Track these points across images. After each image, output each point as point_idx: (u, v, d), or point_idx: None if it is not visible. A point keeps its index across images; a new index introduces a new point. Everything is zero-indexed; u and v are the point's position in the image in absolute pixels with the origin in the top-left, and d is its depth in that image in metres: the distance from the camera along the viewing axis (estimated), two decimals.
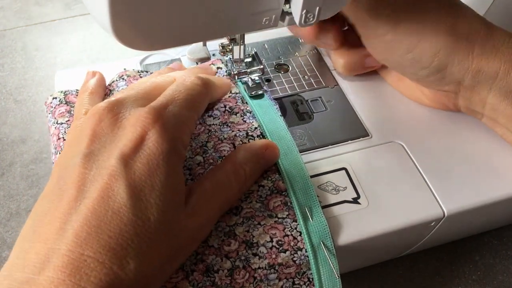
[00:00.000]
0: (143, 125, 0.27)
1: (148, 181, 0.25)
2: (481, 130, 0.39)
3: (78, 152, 0.26)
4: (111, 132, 0.27)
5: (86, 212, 0.24)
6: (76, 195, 0.25)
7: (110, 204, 0.24)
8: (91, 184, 0.25)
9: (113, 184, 0.25)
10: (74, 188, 0.25)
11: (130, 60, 0.44)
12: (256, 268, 0.30)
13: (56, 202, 0.25)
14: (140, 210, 0.24)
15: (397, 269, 0.43)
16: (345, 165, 0.36)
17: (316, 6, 0.29)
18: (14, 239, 0.44)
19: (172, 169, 0.27)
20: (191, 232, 0.28)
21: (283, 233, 0.31)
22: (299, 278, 0.31)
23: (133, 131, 0.26)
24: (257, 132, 0.36)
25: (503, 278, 0.43)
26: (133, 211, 0.24)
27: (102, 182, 0.25)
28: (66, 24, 0.65)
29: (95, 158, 0.26)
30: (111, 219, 0.24)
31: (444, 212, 0.34)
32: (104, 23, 0.26)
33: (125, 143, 0.26)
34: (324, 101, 0.41)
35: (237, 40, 0.38)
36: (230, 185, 0.31)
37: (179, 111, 0.29)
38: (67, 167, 0.26)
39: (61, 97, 0.38)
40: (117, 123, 0.27)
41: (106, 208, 0.24)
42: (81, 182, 0.25)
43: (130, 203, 0.24)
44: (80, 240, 0.23)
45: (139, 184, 0.25)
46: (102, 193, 0.24)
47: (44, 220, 0.25)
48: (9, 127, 0.53)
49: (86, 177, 0.25)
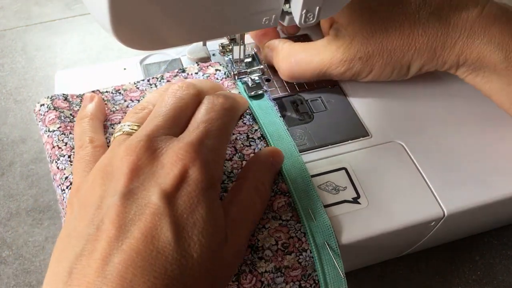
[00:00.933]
0: (184, 163, 0.26)
1: (190, 219, 0.25)
2: (481, 130, 0.39)
3: (114, 191, 0.25)
4: (150, 170, 0.26)
5: (130, 253, 0.23)
6: (117, 235, 0.24)
7: (155, 243, 0.24)
8: (133, 223, 0.24)
9: (156, 222, 0.24)
10: (114, 228, 0.24)
11: (130, 60, 0.44)
12: (262, 272, 0.30)
13: (92, 243, 0.24)
14: (184, 248, 0.24)
15: (397, 269, 0.43)
16: (345, 165, 0.36)
17: (316, 6, 0.29)
18: (14, 239, 0.44)
19: (212, 204, 0.26)
20: (230, 261, 0.27)
21: (288, 235, 0.31)
22: (305, 280, 0.31)
23: (174, 169, 0.26)
24: (258, 134, 0.36)
25: (503, 278, 0.43)
26: (177, 250, 0.24)
27: (145, 221, 0.24)
28: (66, 24, 0.65)
29: (134, 197, 0.25)
30: (156, 258, 0.23)
31: (444, 212, 0.34)
32: (104, 23, 0.26)
33: (166, 181, 0.26)
34: (324, 101, 0.41)
35: (237, 40, 0.38)
36: (255, 205, 0.30)
37: (214, 145, 0.28)
38: (101, 207, 0.25)
39: (48, 103, 0.37)
40: (156, 161, 0.26)
41: (151, 248, 0.23)
42: (122, 221, 0.24)
43: (174, 241, 0.24)
44: (126, 282, 0.22)
45: (181, 221, 0.25)
46: (146, 232, 0.24)
47: (80, 262, 0.24)
48: (9, 127, 0.53)
49: (126, 216, 0.24)
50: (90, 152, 0.31)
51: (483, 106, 0.41)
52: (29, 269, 0.43)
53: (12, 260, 0.43)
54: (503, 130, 0.39)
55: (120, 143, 0.28)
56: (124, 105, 0.38)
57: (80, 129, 0.34)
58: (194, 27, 0.28)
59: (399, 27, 0.36)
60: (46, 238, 0.45)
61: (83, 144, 0.32)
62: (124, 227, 0.24)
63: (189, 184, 0.26)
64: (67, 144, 0.35)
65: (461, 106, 0.41)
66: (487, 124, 0.40)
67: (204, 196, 0.26)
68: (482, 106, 0.41)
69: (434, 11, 0.36)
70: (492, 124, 0.40)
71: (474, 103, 0.41)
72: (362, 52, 0.37)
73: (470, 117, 0.39)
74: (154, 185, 0.25)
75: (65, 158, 0.34)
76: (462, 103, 0.41)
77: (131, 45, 0.27)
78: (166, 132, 0.28)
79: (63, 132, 0.35)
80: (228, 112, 0.30)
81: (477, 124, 0.39)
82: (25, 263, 0.43)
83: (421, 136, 0.38)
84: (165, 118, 0.29)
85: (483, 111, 0.41)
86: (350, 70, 0.38)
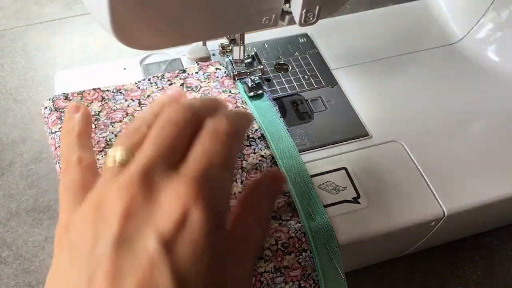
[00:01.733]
0: (184, 203, 0.23)
1: (193, 268, 0.22)
2: (481, 131, 0.39)
3: (105, 236, 0.23)
4: (146, 210, 0.23)
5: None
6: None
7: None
8: (128, 275, 0.21)
9: (154, 272, 0.22)
10: (108, 282, 0.21)
11: (130, 60, 0.44)
12: (262, 272, 0.30)
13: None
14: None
15: (397, 269, 0.43)
16: (345, 165, 0.36)
17: (316, 6, 0.29)
18: (14, 239, 0.44)
19: (218, 250, 0.24)
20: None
21: (288, 235, 0.31)
22: (305, 280, 0.31)
23: (173, 210, 0.23)
24: (258, 134, 0.36)
25: (503, 278, 0.43)
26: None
27: (142, 272, 0.21)
28: (66, 24, 0.65)
29: (129, 244, 0.22)
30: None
31: (444, 212, 0.34)
32: (104, 23, 0.26)
33: (165, 224, 0.22)
34: (324, 101, 0.41)
35: (237, 41, 0.38)
36: (256, 238, 0.27)
37: (219, 177, 0.25)
38: (94, 254, 0.23)
39: (50, 105, 0.37)
40: (152, 199, 0.23)
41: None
42: (116, 273, 0.22)
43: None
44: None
45: (183, 271, 0.22)
46: (143, 284, 0.21)
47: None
48: (9, 127, 0.53)
49: (120, 267, 0.22)
50: (78, 177, 0.28)
51: (483, 106, 0.41)
52: (29, 269, 0.43)
53: (12, 260, 0.43)
54: (503, 130, 0.39)
55: (112, 179, 0.25)
56: (125, 104, 0.38)
57: (67, 146, 0.30)
58: (194, 27, 0.28)
59: None
60: (46, 238, 0.45)
61: (69, 165, 0.29)
62: (119, 279, 0.22)
63: (192, 228, 0.23)
64: None
65: (461, 107, 0.41)
66: (487, 124, 0.40)
67: (209, 241, 0.23)
68: (482, 107, 0.41)
69: None
70: (492, 124, 0.40)
71: (474, 104, 0.41)
72: None
73: (470, 118, 0.39)
74: (151, 230, 0.23)
75: None
76: (462, 103, 0.41)
77: (131, 45, 0.27)
78: (163, 163, 0.25)
79: None
80: (233, 138, 0.27)
81: (477, 124, 0.39)
82: (25, 263, 0.43)
83: (421, 136, 0.38)
84: (161, 147, 0.26)
85: (483, 111, 0.41)
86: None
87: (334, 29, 0.48)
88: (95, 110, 0.37)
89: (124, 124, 0.37)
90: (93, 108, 0.38)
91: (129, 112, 0.38)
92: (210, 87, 0.39)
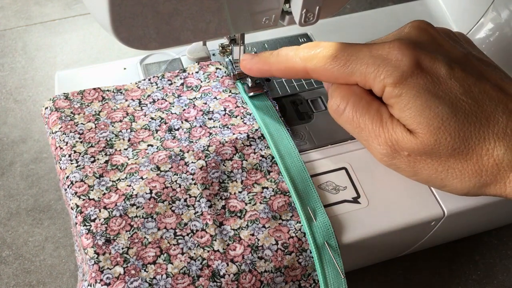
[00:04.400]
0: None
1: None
2: None
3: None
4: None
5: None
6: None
7: None
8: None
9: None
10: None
11: (130, 60, 0.44)
12: (262, 271, 0.30)
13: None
14: None
15: (397, 269, 0.43)
16: (345, 165, 0.36)
17: (316, 6, 0.29)
18: (14, 239, 0.44)
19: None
20: None
21: (288, 235, 0.32)
22: (305, 280, 0.31)
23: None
24: (258, 133, 0.36)
25: (503, 278, 0.43)
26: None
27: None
28: (66, 24, 0.65)
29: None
30: None
31: (444, 212, 0.34)
32: (104, 23, 0.26)
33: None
34: (324, 101, 0.41)
35: (237, 41, 0.38)
36: None
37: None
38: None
39: (50, 105, 0.37)
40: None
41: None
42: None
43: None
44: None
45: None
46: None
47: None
48: (9, 127, 0.53)
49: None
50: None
51: None
52: (29, 269, 0.43)
53: (12, 260, 0.43)
54: None
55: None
56: (125, 104, 0.38)
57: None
58: (193, 27, 0.28)
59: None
60: (46, 238, 0.45)
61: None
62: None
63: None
64: (68, 143, 0.35)
65: None
66: None
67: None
68: None
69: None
70: None
71: None
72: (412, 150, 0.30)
73: None
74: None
75: (66, 158, 0.34)
76: None
77: (131, 45, 0.27)
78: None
79: (64, 132, 0.35)
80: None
81: None
82: (25, 263, 0.43)
83: None
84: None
85: None
86: (391, 166, 0.32)
87: (334, 29, 0.48)
88: (95, 110, 0.37)
89: (124, 124, 0.37)
90: (93, 108, 0.38)
91: (129, 112, 0.38)
92: (210, 86, 0.39)
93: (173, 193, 0.33)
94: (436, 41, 0.32)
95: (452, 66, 0.29)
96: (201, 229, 0.31)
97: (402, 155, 0.30)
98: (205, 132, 0.36)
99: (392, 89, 0.29)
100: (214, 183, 0.33)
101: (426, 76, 0.29)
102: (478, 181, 0.29)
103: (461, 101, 0.29)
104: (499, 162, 0.28)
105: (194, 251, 0.31)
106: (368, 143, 0.32)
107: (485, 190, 0.30)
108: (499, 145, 0.28)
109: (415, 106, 0.29)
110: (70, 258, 0.43)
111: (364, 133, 0.31)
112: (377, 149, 0.31)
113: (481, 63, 0.31)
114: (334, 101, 0.32)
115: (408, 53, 0.29)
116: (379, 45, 0.30)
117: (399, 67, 0.29)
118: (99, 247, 0.30)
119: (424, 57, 0.29)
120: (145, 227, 0.31)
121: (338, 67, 0.31)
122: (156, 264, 0.30)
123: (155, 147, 0.35)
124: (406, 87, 0.29)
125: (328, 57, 0.31)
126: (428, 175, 0.30)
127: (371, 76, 0.30)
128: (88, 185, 0.33)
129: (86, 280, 0.30)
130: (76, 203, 0.32)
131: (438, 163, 0.29)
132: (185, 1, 0.26)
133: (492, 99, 0.29)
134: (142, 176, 0.33)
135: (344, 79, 0.31)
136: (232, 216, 0.32)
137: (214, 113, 0.38)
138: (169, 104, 0.38)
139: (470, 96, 0.29)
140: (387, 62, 0.29)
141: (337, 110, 0.32)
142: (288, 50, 0.33)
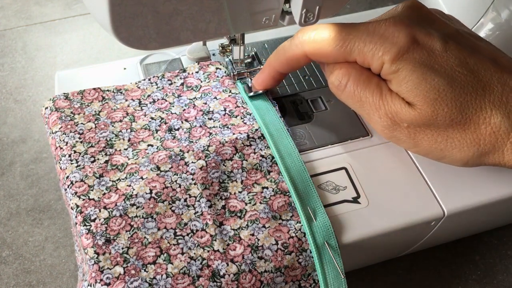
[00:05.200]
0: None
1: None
2: None
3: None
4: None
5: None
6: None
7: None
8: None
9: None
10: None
11: (130, 60, 0.44)
12: (262, 271, 0.30)
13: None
14: None
15: (397, 269, 0.43)
16: (345, 165, 0.36)
17: (316, 6, 0.29)
18: (14, 239, 0.44)
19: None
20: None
21: (288, 235, 0.32)
22: (305, 280, 0.31)
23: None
24: (258, 133, 0.36)
25: (503, 278, 0.43)
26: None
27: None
28: (66, 24, 0.65)
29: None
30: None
31: (444, 211, 0.34)
32: (105, 23, 0.26)
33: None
34: (324, 101, 0.41)
35: (237, 41, 0.38)
36: None
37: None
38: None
39: (50, 105, 0.37)
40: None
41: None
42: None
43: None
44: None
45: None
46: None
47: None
48: (9, 127, 0.53)
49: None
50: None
51: None
52: (29, 269, 0.43)
53: (12, 260, 0.43)
54: None
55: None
56: (125, 104, 0.38)
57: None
58: (193, 27, 0.28)
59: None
60: (46, 238, 0.45)
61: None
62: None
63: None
64: (68, 143, 0.35)
65: None
66: None
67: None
68: None
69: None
70: None
71: None
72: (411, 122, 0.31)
73: None
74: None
75: (66, 158, 0.34)
76: None
77: (131, 45, 0.27)
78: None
79: (64, 132, 0.35)
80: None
81: None
82: (25, 263, 0.43)
83: None
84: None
85: None
86: (392, 138, 0.33)
87: None
88: (95, 110, 0.37)
89: (124, 124, 0.37)
90: (93, 108, 0.38)
91: (129, 112, 0.38)
92: (210, 86, 0.39)
93: (173, 193, 0.33)
94: (430, 18, 0.33)
95: (447, 40, 0.31)
96: (201, 229, 0.31)
97: (402, 127, 0.31)
98: (205, 132, 0.36)
99: (389, 65, 0.30)
100: (214, 183, 0.33)
101: (422, 51, 0.30)
102: (476, 150, 0.30)
103: (457, 72, 0.30)
104: (496, 130, 0.29)
105: (194, 251, 0.31)
106: (369, 117, 0.33)
107: (484, 159, 0.31)
108: (495, 113, 0.29)
109: (412, 80, 0.30)
110: (70, 258, 0.43)
111: (366, 107, 0.32)
112: (378, 122, 0.32)
113: (473, 38, 0.33)
114: (336, 77, 0.33)
115: (404, 29, 0.30)
116: (375, 23, 0.31)
117: (396, 44, 0.30)
118: (99, 247, 0.30)
119: (419, 33, 0.30)
120: (145, 227, 0.31)
121: (338, 47, 0.32)
122: (156, 264, 0.30)
123: (155, 147, 0.35)
124: (403, 63, 0.30)
125: (326, 39, 0.32)
126: (428, 146, 0.31)
127: (369, 54, 0.31)
128: (88, 185, 0.33)
129: (86, 280, 0.30)
130: (76, 203, 0.32)
131: (437, 133, 0.30)
132: (185, 1, 0.26)
133: (487, 69, 0.30)
134: (142, 176, 0.33)
135: (343, 58, 0.32)
136: (232, 216, 0.32)
137: (214, 113, 0.38)
138: (169, 104, 0.38)
139: (466, 67, 0.30)
140: (384, 39, 0.30)
141: (339, 85, 0.33)
142: (283, 43, 0.35)
